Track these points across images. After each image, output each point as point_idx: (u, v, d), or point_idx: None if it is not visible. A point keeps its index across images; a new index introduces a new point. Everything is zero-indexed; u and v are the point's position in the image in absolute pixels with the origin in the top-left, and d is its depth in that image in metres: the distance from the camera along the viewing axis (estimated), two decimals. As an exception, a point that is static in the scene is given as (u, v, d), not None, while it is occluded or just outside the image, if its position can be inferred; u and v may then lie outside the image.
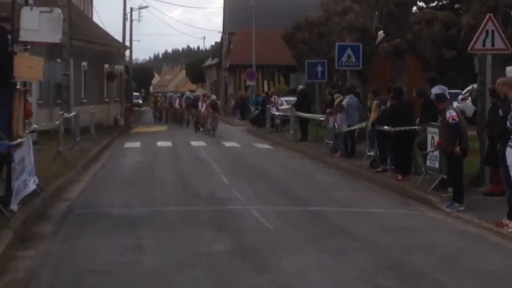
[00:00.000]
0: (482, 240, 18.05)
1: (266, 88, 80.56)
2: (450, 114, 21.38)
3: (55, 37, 25.41)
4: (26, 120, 23.75)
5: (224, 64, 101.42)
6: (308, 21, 56.96)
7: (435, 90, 24.52)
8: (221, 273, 14.37)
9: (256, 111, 65.98)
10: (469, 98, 45.52)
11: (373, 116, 30.43)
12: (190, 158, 38.45)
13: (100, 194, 25.57)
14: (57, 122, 35.91)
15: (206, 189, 26.49)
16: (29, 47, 24.12)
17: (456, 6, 55.63)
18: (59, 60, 45.34)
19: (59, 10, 26.66)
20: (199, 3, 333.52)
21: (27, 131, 23.06)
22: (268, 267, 14.92)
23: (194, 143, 47.64)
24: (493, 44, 23.85)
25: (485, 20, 24.13)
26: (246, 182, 27.97)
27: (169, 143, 47.80)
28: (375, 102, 30.71)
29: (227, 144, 46.52)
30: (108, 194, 25.45)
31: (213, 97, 63.61)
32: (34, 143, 25.38)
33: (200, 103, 62.56)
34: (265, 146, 44.58)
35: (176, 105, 74.41)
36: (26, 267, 14.71)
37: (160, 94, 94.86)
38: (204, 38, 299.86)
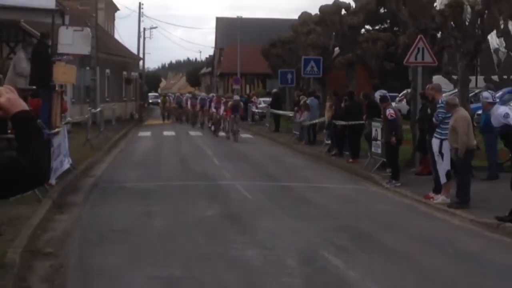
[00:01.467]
0: (413, 209, 18.05)
1: (248, 91, 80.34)
2: (389, 112, 21.48)
3: (85, 50, 25.37)
4: (62, 114, 23.64)
5: (215, 72, 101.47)
6: (281, 39, 56.84)
7: (378, 93, 24.62)
8: (212, 233, 14.35)
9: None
10: (404, 100, 45.57)
11: (327, 114, 30.81)
12: (188, 144, 38.31)
13: (119, 171, 25.50)
14: (86, 116, 36.01)
15: (201, 168, 26.42)
16: (65, 57, 24.04)
17: (395, 28, 55.60)
18: (88, 68, 45.22)
19: (88, 29, 26.63)
20: (196, 24, 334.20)
21: (63, 123, 22.98)
22: (249, 229, 14.93)
23: (192, 133, 47.45)
24: (423, 58, 23.86)
25: (417, 39, 24.15)
26: (232, 163, 27.90)
27: (172, 133, 47.61)
28: (328, 104, 31.13)
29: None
30: (126, 171, 25.37)
31: (236, 97, 45.68)
32: (68, 132, 25.28)
33: (213, 104, 47.05)
34: (247, 135, 44.40)
35: (188, 106, 58.84)
36: (62, 228, 14.68)
37: (169, 94, 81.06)
38: (200, 52, 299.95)
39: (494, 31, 29.01)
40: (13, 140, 4.80)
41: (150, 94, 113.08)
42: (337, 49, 46.11)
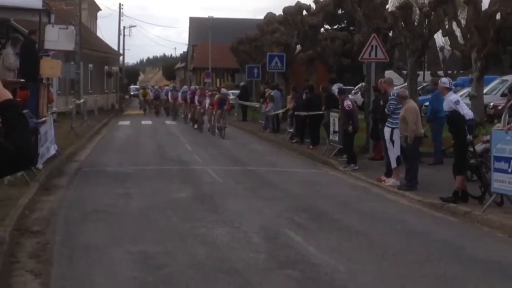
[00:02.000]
0: (367, 191, 18.14)
1: (218, 84, 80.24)
2: (347, 103, 21.56)
3: (70, 46, 25.25)
4: (49, 105, 23.50)
5: (189, 67, 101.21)
6: (248, 37, 56.78)
7: (335, 86, 24.71)
8: (185, 212, 14.35)
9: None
10: (359, 93, 45.72)
11: (289, 105, 31.05)
12: (164, 132, 38.20)
13: (100, 157, 25.41)
14: (70, 106, 35.80)
15: (175, 154, 26.37)
16: (51, 53, 23.90)
17: (351, 28, 55.64)
18: (72, 63, 44.78)
19: (72, 27, 26.47)
20: (172, 23, 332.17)
21: (49, 113, 22.84)
22: (218, 209, 14.92)
23: (167, 122, 47.35)
24: (376, 55, 23.93)
25: (371, 38, 24.22)
26: (204, 149, 27.86)
27: (149, 122, 47.49)
28: (290, 96, 31.37)
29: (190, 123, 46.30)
30: (106, 157, 25.30)
31: (224, 90, 38.41)
32: (54, 121, 25.13)
33: (196, 97, 40.27)
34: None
35: (169, 98, 53.04)
36: (48, 208, 14.62)
37: (149, 86, 76.28)
38: (175, 48, 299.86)
39: (440, 31, 29.14)
40: (0, 128, 4.77)
41: (132, 86, 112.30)
42: (298, 47, 46.01)
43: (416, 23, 29.21)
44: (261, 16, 57.23)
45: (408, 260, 10.69)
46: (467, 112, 15.32)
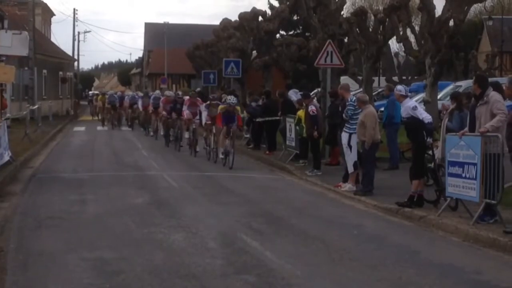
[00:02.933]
0: (323, 196, 18.25)
1: (174, 90, 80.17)
2: (311, 108, 21.61)
3: (23, 52, 25.25)
4: (2, 111, 23.29)
5: (144, 72, 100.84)
6: (204, 43, 56.88)
7: (291, 92, 24.85)
8: (142, 218, 14.30)
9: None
10: (315, 98, 45.99)
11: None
12: (120, 138, 38.07)
13: (55, 163, 25.26)
14: (24, 112, 35.48)
15: (131, 159, 26.32)
16: (4, 59, 23.70)
17: (306, 34, 55.90)
18: (26, 68, 44.49)
19: (26, 33, 26.42)
20: (127, 29, 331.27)
21: (3, 118, 22.64)
22: (175, 214, 14.91)
23: (123, 128, 47.08)
24: (331, 61, 24.12)
25: (326, 44, 24.42)
26: (160, 155, 27.83)
27: (105, 128, 47.25)
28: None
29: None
30: (62, 163, 25.16)
31: (231, 99, 25.49)
32: (8, 127, 24.90)
33: (185, 107, 29.31)
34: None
35: (139, 107, 42.69)
36: (2, 215, 14.51)
37: (108, 92, 59.26)
38: (130, 54, 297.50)
39: (394, 37, 29.42)
40: None
41: (90, 92, 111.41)
42: (254, 52, 46.24)
43: (371, 29, 29.45)
44: (217, 22, 57.06)
45: (364, 264, 10.76)
46: (425, 116, 15.48)
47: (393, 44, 51.43)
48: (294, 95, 26.54)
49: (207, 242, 12.11)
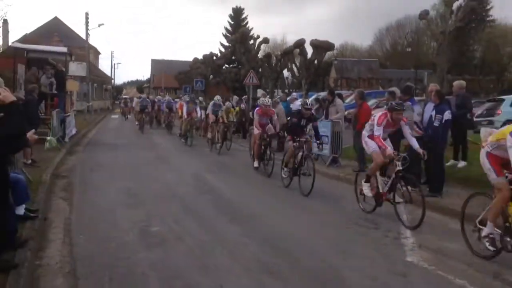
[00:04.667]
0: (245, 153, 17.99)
1: (168, 95, 78.94)
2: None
3: (83, 73, 24.53)
4: (71, 106, 22.59)
5: (151, 86, 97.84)
6: (183, 71, 56.10)
7: (234, 99, 24.31)
8: (149, 164, 14.05)
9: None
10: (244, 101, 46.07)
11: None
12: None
13: (101, 135, 24.62)
14: (84, 107, 34.29)
15: (147, 134, 25.85)
16: (72, 77, 23.01)
17: (239, 66, 55.73)
18: (84, 83, 43.18)
19: (84, 63, 25.63)
20: (141, 61, 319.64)
21: (72, 110, 21.97)
22: (168, 163, 14.73)
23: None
24: (253, 81, 24.05)
25: (250, 72, 24.42)
26: (158, 134, 27.36)
27: (132, 115, 45.85)
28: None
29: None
30: (104, 135, 24.55)
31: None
32: (75, 115, 24.16)
33: (256, 117, 12.22)
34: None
35: (184, 114, 20.40)
36: (71, 163, 14.11)
37: (142, 96, 35.25)
38: (143, 76, 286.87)
39: (286, 69, 29.59)
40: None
41: (123, 96, 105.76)
42: (211, 76, 45.99)
43: (273, 64, 29.59)
44: (191, 58, 56.69)
45: (277, 186, 10.73)
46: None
47: (286, 72, 51.74)
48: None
49: (186, 178, 11.96)
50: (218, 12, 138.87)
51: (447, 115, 9.06)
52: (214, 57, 46.26)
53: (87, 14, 43.00)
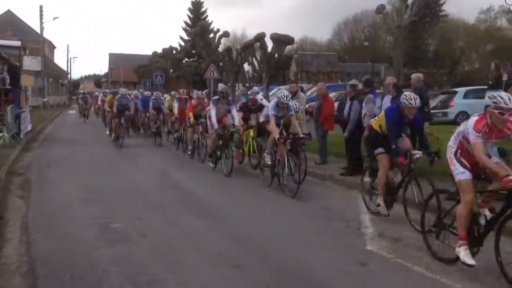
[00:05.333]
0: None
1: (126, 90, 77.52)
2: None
3: (38, 68, 23.89)
4: (26, 101, 21.87)
5: (109, 80, 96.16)
6: (143, 65, 55.26)
7: (194, 93, 24.11)
8: (111, 160, 13.77)
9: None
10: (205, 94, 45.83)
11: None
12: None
13: (57, 131, 23.96)
14: (39, 103, 33.42)
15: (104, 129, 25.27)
16: (26, 72, 22.31)
17: (200, 60, 55.32)
18: (39, 78, 42.03)
19: (39, 57, 24.86)
20: (98, 57, 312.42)
21: (27, 106, 21.26)
22: (133, 161, 14.47)
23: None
24: (213, 75, 23.95)
25: (210, 66, 24.33)
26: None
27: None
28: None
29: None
30: (60, 131, 23.90)
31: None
32: (30, 111, 23.42)
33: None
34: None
35: (175, 112, 16.19)
36: (27, 160, 13.68)
37: (121, 91, 20.25)
38: (101, 70, 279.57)
39: (246, 63, 29.56)
40: None
41: (80, 91, 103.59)
42: (171, 70, 45.49)
43: (234, 58, 29.49)
44: (150, 52, 55.87)
45: (241, 181, 10.69)
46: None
47: (246, 66, 51.72)
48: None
49: (152, 174, 11.68)
50: (177, 5, 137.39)
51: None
52: (174, 51, 45.78)
53: (41, 7, 41.72)
